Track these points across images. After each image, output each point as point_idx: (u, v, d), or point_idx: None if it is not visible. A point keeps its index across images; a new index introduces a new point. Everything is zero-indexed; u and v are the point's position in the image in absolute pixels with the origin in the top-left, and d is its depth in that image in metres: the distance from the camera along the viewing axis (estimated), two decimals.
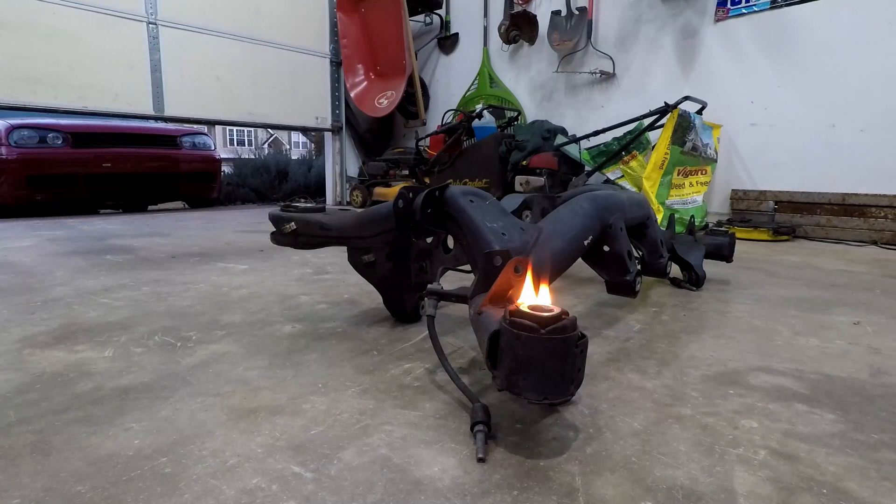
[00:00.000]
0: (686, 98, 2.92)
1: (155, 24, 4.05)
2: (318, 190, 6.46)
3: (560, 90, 4.36)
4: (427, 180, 4.30)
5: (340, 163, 5.56)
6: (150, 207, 5.19)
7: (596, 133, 3.29)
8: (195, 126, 5.14)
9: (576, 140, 3.46)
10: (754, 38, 3.32)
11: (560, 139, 3.58)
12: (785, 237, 3.01)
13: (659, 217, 2.66)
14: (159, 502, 0.58)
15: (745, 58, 3.37)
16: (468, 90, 4.92)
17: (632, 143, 3.08)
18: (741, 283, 1.77)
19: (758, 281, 1.82)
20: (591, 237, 1.11)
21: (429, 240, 1.24)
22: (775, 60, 3.25)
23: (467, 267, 1.24)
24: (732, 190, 3.47)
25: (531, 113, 4.52)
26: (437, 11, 5.15)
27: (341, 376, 0.94)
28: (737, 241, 1.88)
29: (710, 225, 3.14)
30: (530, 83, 4.55)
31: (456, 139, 4.07)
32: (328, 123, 5.32)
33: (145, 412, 0.79)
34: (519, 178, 3.55)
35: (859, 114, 2.97)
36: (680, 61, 3.67)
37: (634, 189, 3.00)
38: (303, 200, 1.57)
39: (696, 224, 1.95)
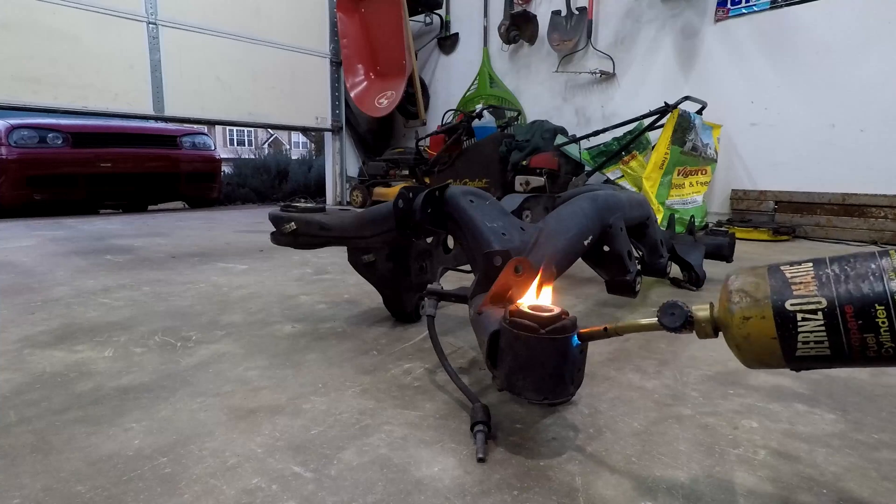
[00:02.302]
0: (686, 98, 2.92)
1: (155, 24, 4.05)
2: (318, 190, 6.46)
3: (560, 90, 4.36)
4: (427, 180, 4.30)
5: (340, 163, 5.56)
6: (150, 207, 5.19)
7: (596, 133, 3.29)
8: (195, 126, 5.13)
9: (576, 140, 3.46)
10: (754, 38, 3.32)
11: (560, 139, 3.57)
12: (785, 237, 3.00)
13: (659, 217, 2.66)
14: (159, 502, 0.58)
15: (746, 58, 3.37)
16: (468, 90, 4.91)
17: (632, 143, 3.08)
18: None
19: None
20: (591, 237, 1.11)
21: (429, 240, 1.24)
22: (775, 60, 3.25)
23: (467, 267, 1.24)
24: (732, 190, 3.47)
25: (531, 113, 4.52)
26: (437, 11, 5.15)
27: (341, 376, 0.94)
28: (737, 241, 1.88)
29: (710, 225, 3.13)
30: (530, 83, 4.55)
31: (456, 139, 4.06)
32: (328, 123, 5.32)
33: (145, 412, 0.79)
34: (519, 178, 3.55)
35: (859, 114, 2.97)
36: (680, 61, 3.67)
37: (634, 189, 3.00)
38: (303, 200, 1.57)
39: (696, 224, 1.95)
